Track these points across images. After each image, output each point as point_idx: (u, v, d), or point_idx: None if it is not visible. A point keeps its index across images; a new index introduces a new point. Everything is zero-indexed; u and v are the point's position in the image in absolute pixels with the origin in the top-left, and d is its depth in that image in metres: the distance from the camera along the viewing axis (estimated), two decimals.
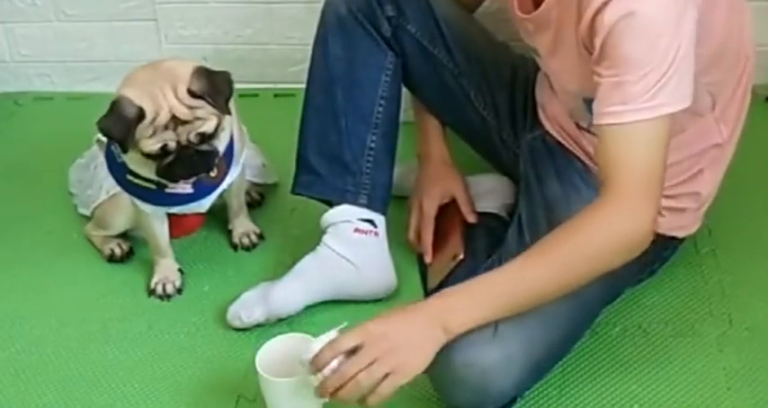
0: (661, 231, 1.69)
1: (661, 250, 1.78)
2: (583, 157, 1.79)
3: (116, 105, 1.71)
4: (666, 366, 1.73)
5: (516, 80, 1.96)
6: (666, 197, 1.59)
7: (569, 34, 1.57)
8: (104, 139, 1.88)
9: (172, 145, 1.73)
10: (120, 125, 1.71)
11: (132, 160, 1.80)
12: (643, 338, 1.79)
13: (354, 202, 1.89)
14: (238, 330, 1.87)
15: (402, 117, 1.96)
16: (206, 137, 1.75)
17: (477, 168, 2.08)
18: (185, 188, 1.86)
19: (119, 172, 1.87)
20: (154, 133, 1.72)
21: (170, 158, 1.75)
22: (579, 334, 1.72)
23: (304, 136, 1.93)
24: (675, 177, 1.68)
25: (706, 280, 1.90)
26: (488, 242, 1.90)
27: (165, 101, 1.71)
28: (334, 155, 1.90)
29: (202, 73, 1.74)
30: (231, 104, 1.80)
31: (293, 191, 1.96)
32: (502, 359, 1.53)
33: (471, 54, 1.94)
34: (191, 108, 1.72)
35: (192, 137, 1.74)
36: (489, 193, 2.02)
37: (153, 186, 1.84)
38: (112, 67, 2.51)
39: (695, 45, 1.46)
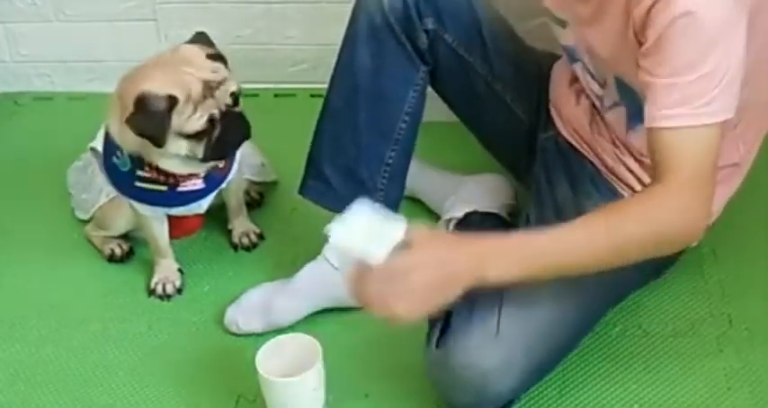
0: None
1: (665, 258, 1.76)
2: (595, 161, 1.78)
3: (142, 102, 1.68)
4: (666, 366, 1.73)
5: (541, 79, 1.92)
6: None
7: (614, 12, 1.53)
8: (98, 148, 1.87)
9: (216, 113, 1.72)
10: (154, 120, 1.69)
11: (165, 154, 1.76)
12: (643, 338, 1.79)
13: None
14: None
15: None
16: (236, 98, 1.76)
17: (478, 168, 2.08)
18: (197, 184, 1.85)
19: (125, 182, 1.85)
20: (195, 109, 1.71)
21: (218, 130, 1.73)
22: (581, 338, 1.71)
23: (318, 138, 1.89)
24: None
25: (706, 280, 1.90)
26: None
27: (189, 75, 1.71)
28: (349, 169, 1.85)
29: (205, 38, 1.79)
30: None
31: (301, 192, 1.92)
32: (502, 361, 1.53)
33: (513, 61, 1.89)
34: (214, 71, 1.74)
35: (228, 99, 1.74)
36: (489, 193, 2.01)
37: (164, 187, 1.83)
38: (112, 67, 2.49)
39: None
